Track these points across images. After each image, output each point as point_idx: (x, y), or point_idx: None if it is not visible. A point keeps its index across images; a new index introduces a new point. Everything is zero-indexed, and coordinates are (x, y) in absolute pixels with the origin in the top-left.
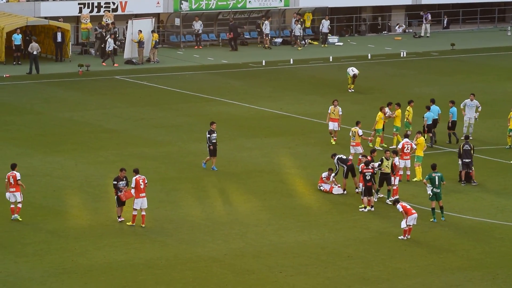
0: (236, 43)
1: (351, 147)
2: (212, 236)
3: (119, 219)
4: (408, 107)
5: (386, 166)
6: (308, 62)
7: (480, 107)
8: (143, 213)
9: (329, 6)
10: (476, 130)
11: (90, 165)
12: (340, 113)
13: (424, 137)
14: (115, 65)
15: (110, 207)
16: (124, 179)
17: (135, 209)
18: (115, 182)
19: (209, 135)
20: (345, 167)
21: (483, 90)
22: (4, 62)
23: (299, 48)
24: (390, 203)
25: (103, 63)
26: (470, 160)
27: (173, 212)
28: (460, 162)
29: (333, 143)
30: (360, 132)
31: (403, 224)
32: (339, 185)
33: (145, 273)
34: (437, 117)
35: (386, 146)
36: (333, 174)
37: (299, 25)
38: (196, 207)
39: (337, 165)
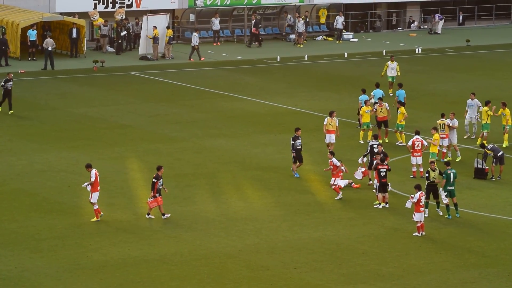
0: (253, 39)
1: (440, 139)
2: (227, 232)
3: (148, 215)
4: (485, 107)
5: (434, 177)
6: (322, 58)
7: (481, 107)
8: (96, 207)
9: (344, 2)
10: (490, 127)
11: (105, 161)
12: (337, 124)
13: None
14: (201, 59)
15: (125, 203)
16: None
17: (95, 203)
18: (155, 180)
19: (293, 142)
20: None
21: (499, 87)
22: (20, 58)
23: (300, 46)
24: (441, 213)
25: (191, 59)
26: (502, 152)
27: (188, 208)
28: (493, 158)
29: None
30: (448, 121)
31: (408, 204)
32: (362, 169)
33: (160, 269)
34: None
35: (387, 141)
36: (362, 158)
37: (302, 21)
38: (210, 203)
39: (368, 148)
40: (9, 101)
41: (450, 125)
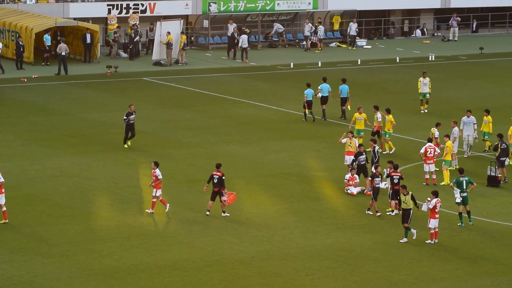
0: (235, 51)
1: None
2: (239, 239)
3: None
4: None
5: (404, 201)
6: (336, 65)
7: (476, 125)
8: (4, 208)
9: (357, 9)
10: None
11: (117, 166)
12: (357, 145)
13: (305, 113)
14: (245, 61)
15: (137, 209)
16: None
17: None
18: (224, 177)
19: (354, 158)
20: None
21: None
22: (33, 63)
23: (320, 51)
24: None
25: (246, 60)
26: (505, 158)
27: (201, 214)
28: (497, 161)
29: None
30: (437, 134)
31: (424, 207)
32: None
33: (172, 275)
34: (327, 95)
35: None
36: (373, 167)
37: (321, 27)
38: None
39: (377, 154)
40: (132, 133)
41: (436, 137)
